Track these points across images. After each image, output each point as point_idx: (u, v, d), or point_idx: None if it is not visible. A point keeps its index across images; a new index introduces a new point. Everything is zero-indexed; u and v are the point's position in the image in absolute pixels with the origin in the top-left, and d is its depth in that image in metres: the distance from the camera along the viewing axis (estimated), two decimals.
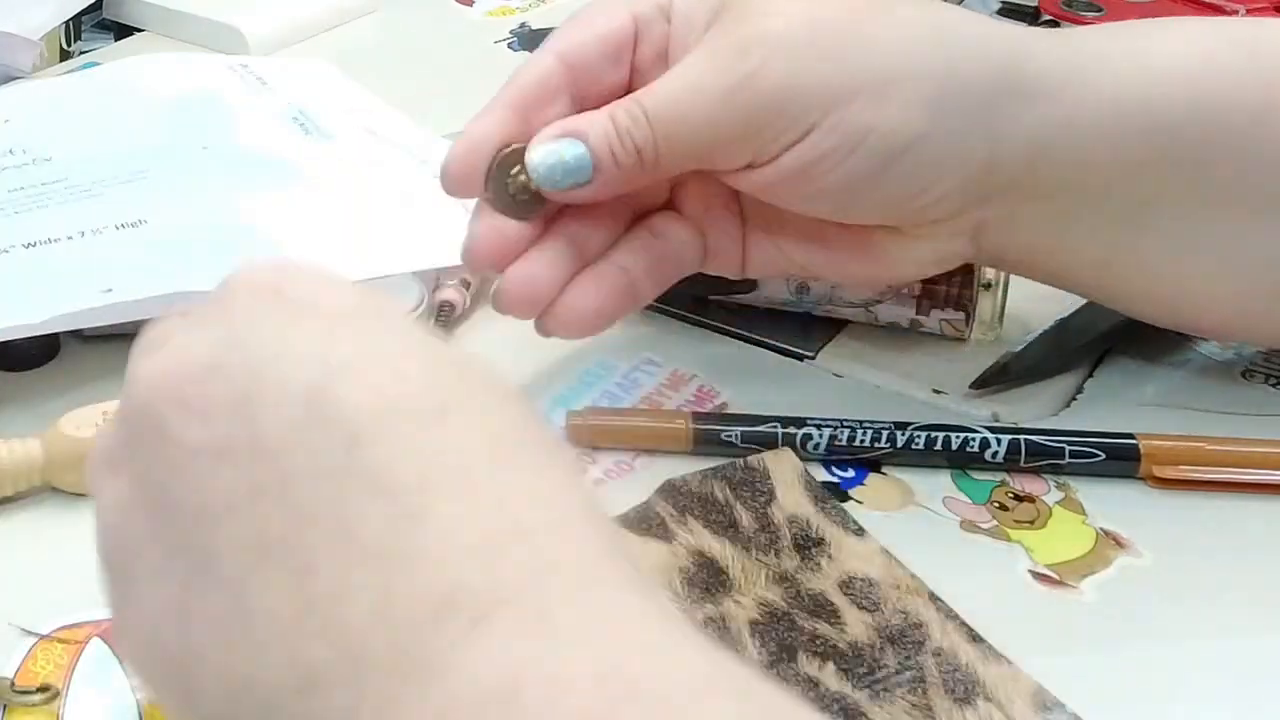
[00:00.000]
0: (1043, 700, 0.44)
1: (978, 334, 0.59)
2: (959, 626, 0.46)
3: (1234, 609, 0.48)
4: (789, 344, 0.60)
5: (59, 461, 0.50)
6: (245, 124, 0.70)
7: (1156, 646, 0.47)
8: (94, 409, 0.51)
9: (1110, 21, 0.82)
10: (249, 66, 0.77)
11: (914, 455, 0.53)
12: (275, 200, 0.63)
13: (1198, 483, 0.52)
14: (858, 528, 0.50)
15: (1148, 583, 0.49)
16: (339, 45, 0.86)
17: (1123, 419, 0.55)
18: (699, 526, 0.50)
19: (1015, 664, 0.45)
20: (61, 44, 0.84)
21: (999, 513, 0.52)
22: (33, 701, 0.43)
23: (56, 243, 0.59)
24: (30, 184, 0.64)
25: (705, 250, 0.53)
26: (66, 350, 0.58)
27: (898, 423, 0.53)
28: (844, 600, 0.47)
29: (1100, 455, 0.53)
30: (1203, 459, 0.53)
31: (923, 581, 0.48)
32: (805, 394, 0.56)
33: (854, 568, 0.49)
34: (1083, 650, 0.46)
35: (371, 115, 0.72)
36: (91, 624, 0.46)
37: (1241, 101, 0.50)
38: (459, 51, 0.87)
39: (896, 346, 0.60)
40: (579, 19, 0.51)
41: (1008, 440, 0.53)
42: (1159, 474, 0.52)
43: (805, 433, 0.53)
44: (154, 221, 0.60)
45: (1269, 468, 0.53)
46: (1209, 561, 0.50)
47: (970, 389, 0.57)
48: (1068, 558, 0.50)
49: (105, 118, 0.70)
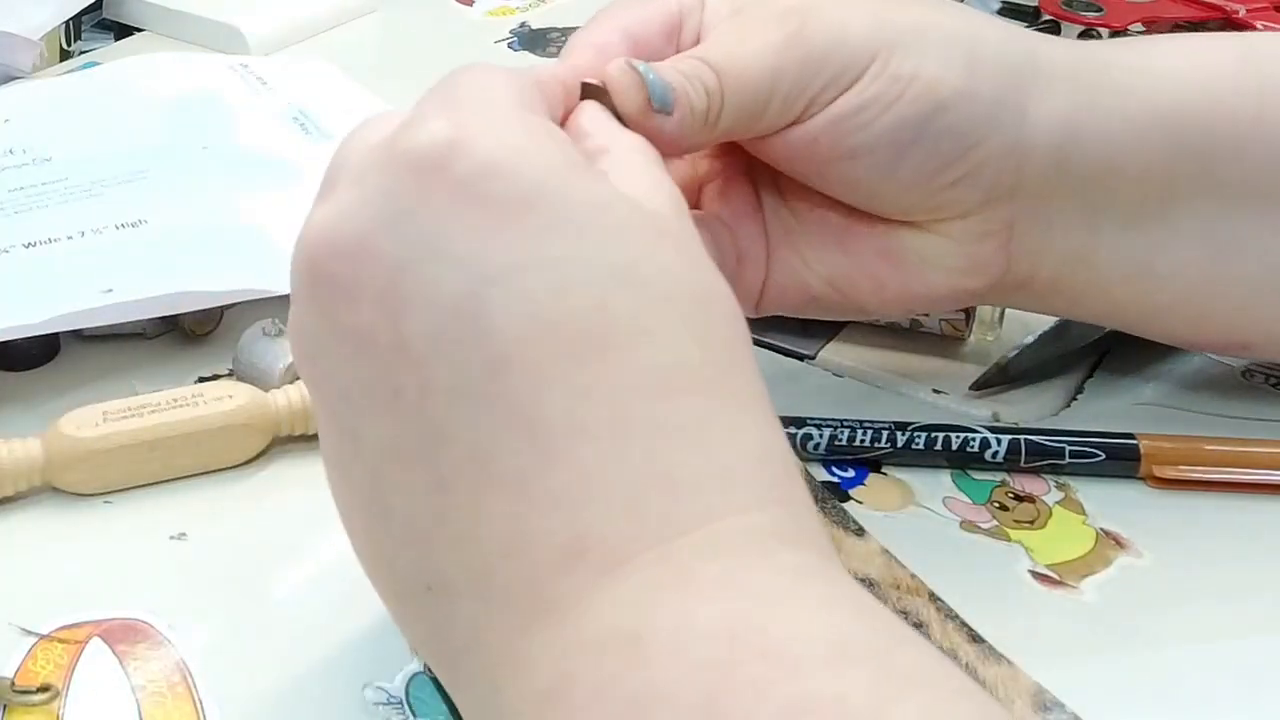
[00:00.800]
0: (1043, 700, 0.44)
1: (978, 334, 0.59)
2: (959, 626, 0.46)
3: (1234, 609, 0.48)
4: (789, 344, 0.60)
5: (59, 461, 0.50)
6: (245, 124, 0.70)
7: (1156, 646, 0.47)
8: (94, 409, 0.51)
9: (1110, 22, 0.83)
10: (249, 66, 0.77)
11: (914, 455, 0.53)
12: (275, 200, 0.62)
13: (1198, 483, 0.52)
14: (858, 528, 0.50)
15: (1148, 583, 0.49)
16: (339, 45, 0.86)
17: (1123, 419, 0.55)
18: None
19: (1015, 664, 0.45)
20: (61, 44, 0.84)
21: (999, 513, 0.52)
22: (33, 701, 0.43)
23: (56, 243, 0.59)
24: (30, 184, 0.64)
25: (738, 255, 0.51)
26: (66, 350, 0.58)
27: (898, 423, 0.53)
28: None
29: (1100, 455, 0.53)
30: (1202, 459, 0.53)
31: (923, 581, 0.48)
32: (805, 394, 0.56)
33: (854, 568, 0.49)
34: (1083, 650, 0.46)
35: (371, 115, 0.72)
36: (91, 624, 0.46)
37: (1237, 105, 0.50)
38: (459, 51, 0.87)
39: (896, 346, 0.60)
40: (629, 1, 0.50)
41: (1008, 440, 0.53)
42: (1159, 474, 0.52)
43: (805, 433, 0.53)
44: (154, 221, 0.60)
45: (1268, 468, 0.53)
46: (1209, 561, 0.50)
47: (970, 390, 0.57)
48: (1068, 558, 0.50)
49: (105, 118, 0.70)
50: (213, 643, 0.45)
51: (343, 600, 0.47)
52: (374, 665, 0.44)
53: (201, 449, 0.51)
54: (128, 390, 0.55)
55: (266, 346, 0.55)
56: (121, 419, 0.51)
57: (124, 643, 0.45)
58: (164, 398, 0.52)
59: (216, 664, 0.45)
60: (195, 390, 0.52)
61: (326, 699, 0.44)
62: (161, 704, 0.43)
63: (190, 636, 0.45)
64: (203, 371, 0.57)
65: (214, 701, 0.43)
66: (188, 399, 0.52)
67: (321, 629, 0.46)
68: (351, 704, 0.43)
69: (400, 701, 0.43)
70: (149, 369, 0.57)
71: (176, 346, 0.59)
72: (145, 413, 0.51)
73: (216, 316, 0.59)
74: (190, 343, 0.59)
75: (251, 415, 0.52)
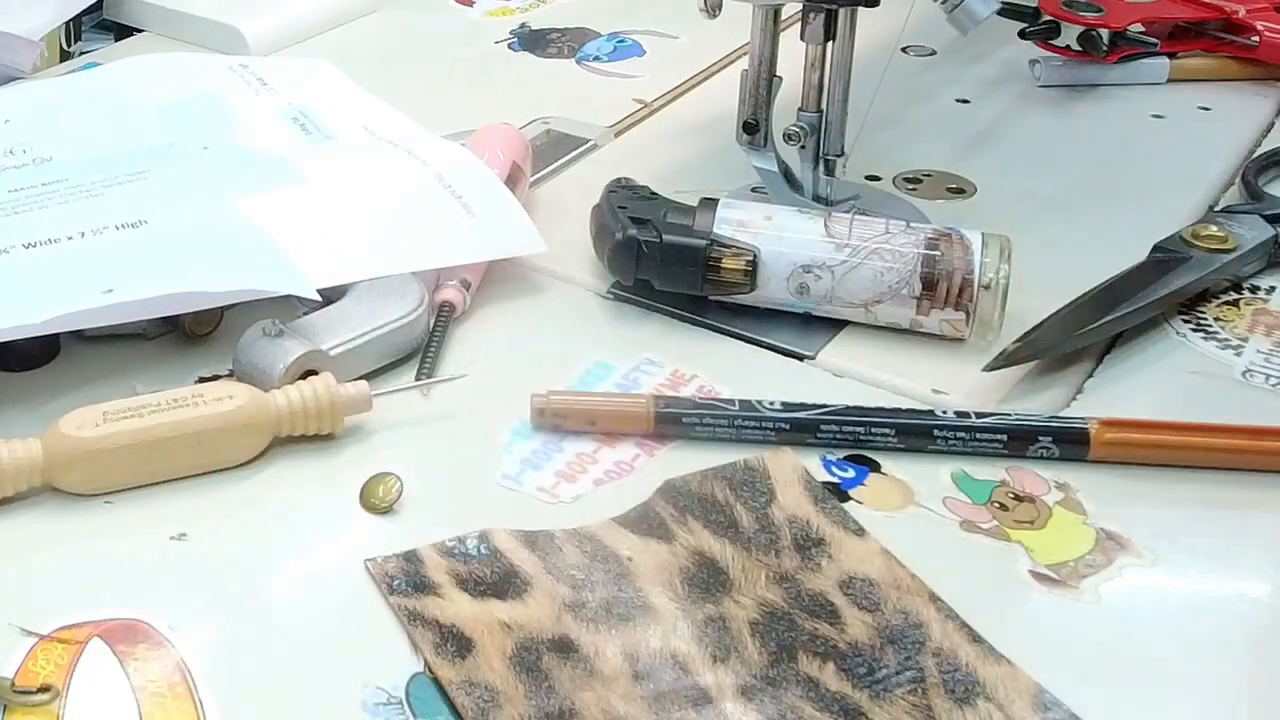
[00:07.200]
0: (1043, 700, 0.44)
1: (978, 334, 0.59)
2: (959, 627, 0.46)
3: (1234, 609, 0.48)
4: (789, 344, 0.60)
5: (59, 461, 0.50)
6: (245, 124, 0.70)
7: (1156, 646, 0.47)
8: (94, 409, 0.51)
9: (1110, 22, 0.82)
10: (249, 66, 0.77)
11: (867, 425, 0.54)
12: (275, 200, 0.63)
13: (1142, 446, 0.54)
14: (858, 528, 0.50)
15: (1148, 583, 0.49)
16: (339, 45, 0.86)
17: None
18: (699, 526, 0.50)
19: (1015, 664, 0.45)
20: (61, 44, 0.84)
21: (999, 513, 0.52)
22: (33, 702, 0.43)
23: (56, 243, 0.59)
24: (30, 184, 0.64)
25: None
26: (66, 350, 0.58)
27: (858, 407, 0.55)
28: (844, 600, 0.47)
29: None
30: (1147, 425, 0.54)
31: (923, 581, 0.48)
32: (805, 394, 0.56)
33: (854, 568, 0.49)
34: (1083, 650, 0.46)
35: (371, 115, 0.72)
36: (91, 624, 0.46)
37: None
38: (459, 51, 0.87)
39: (896, 346, 0.60)
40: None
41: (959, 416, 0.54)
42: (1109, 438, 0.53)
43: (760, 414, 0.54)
44: (154, 221, 0.60)
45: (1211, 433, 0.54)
46: (1209, 562, 0.50)
47: (983, 371, 0.57)
48: (1068, 558, 0.50)
49: (105, 118, 0.70)
50: (213, 643, 0.45)
51: (343, 600, 0.47)
52: (374, 665, 0.45)
53: (201, 449, 0.51)
54: (128, 390, 0.55)
55: (266, 346, 0.55)
56: (121, 419, 0.51)
57: (124, 643, 0.45)
58: (164, 398, 0.52)
59: (216, 664, 0.45)
60: (195, 390, 0.52)
61: (326, 699, 0.44)
62: (161, 704, 0.43)
63: (190, 636, 0.45)
64: (203, 371, 0.57)
65: (214, 701, 0.43)
66: (188, 399, 0.52)
67: (321, 629, 0.46)
68: (351, 704, 0.43)
69: (400, 701, 0.43)
70: (149, 369, 0.58)
71: (176, 346, 0.59)
72: (145, 413, 0.51)
73: (216, 316, 0.59)
74: (190, 343, 0.59)
75: (251, 415, 0.52)
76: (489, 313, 0.62)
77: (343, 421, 0.54)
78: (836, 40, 0.65)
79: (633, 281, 0.62)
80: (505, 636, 0.45)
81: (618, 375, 0.58)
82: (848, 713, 0.43)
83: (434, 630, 0.45)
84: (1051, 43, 0.84)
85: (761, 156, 0.67)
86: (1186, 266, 0.63)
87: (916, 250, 0.59)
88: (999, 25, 0.85)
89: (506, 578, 0.48)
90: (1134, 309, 0.60)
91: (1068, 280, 0.62)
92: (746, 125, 0.67)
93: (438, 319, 0.60)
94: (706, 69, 0.85)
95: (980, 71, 0.86)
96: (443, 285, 0.61)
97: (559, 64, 0.87)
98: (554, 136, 0.77)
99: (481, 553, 0.49)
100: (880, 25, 0.69)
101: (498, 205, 0.64)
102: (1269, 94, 0.84)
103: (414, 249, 0.61)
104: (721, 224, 0.60)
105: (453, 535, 0.49)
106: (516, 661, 0.45)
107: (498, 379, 0.58)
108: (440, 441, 0.55)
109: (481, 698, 0.43)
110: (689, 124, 0.79)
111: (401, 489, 0.51)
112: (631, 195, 0.63)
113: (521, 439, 0.55)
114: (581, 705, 0.43)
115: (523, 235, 0.63)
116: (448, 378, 0.57)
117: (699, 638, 0.46)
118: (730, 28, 0.67)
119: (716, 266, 0.60)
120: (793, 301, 0.60)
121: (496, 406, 0.56)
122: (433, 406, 0.56)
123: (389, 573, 0.48)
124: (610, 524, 0.50)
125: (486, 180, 0.65)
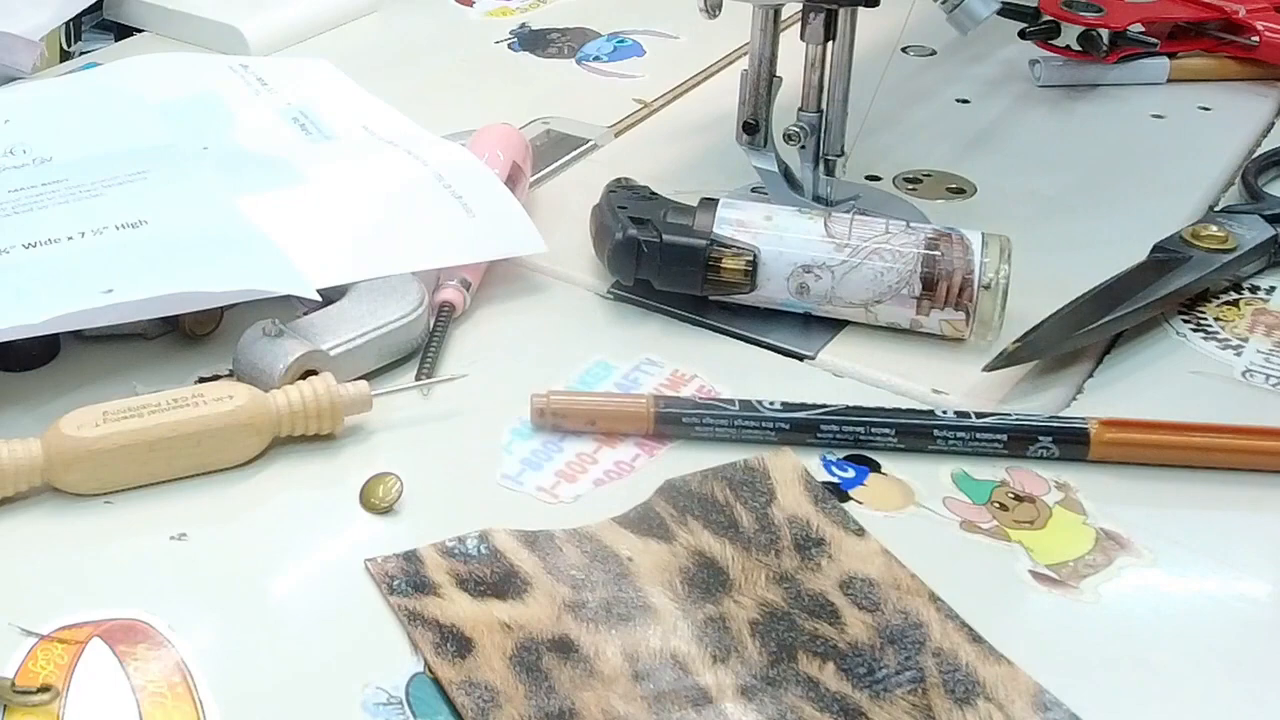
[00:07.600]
0: (1042, 700, 0.44)
1: (978, 334, 0.59)
2: (959, 627, 0.46)
3: (1233, 609, 0.48)
4: (789, 344, 0.60)
5: (59, 461, 0.50)
6: (245, 124, 0.70)
7: (1156, 646, 0.47)
8: (94, 409, 0.51)
9: (1110, 22, 0.82)
10: (249, 66, 0.77)
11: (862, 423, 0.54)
12: (275, 200, 0.63)
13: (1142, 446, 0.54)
14: (858, 528, 0.50)
15: (1148, 583, 0.49)
16: (339, 45, 0.86)
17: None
18: (699, 526, 0.50)
19: (1015, 664, 0.45)
20: (61, 44, 0.84)
21: (999, 513, 0.52)
22: (33, 702, 0.43)
23: (56, 243, 0.59)
24: (30, 184, 0.64)
25: None
26: (66, 350, 0.58)
27: (858, 407, 0.55)
28: (844, 600, 0.47)
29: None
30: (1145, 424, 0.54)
31: (923, 581, 0.48)
32: (805, 394, 0.56)
33: (854, 568, 0.49)
34: (1083, 650, 0.46)
35: (371, 115, 0.72)
36: (91, 624, 0.46)
37: None
38: (459, 51, 0.87)
39: (896, 346, 0.60)
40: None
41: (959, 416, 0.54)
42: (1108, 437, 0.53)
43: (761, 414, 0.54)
44: (154, 221, 0.60)
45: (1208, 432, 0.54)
46: (1208, 562, 0.50)
47: (983, 371, 0.57)
48: (1068, 558, 0.50)
49: (105, 118, 0.70)
50: (213, 643, 0.45)
51: (343, 600, 0.47)
52: (374, 665, 0.45)
53: (201, 449, 0.51)
54: (128, 390, 0.55)
55: (266, 346, 0.55)
56: (121, 419, 0.51)
57: (124, 643, 0.45)
58: (164, 398, 0.52)
59: (216, 664, 0.45)
60: (195, 390, 0.52)
61: (326, 699, 0.44)
62: (161, 704, 0.43)
63: (190, 636, 0.45)
64: (203, 371, 0.57)
65: (214, 701, 0.43)
66: (188, 399, 0.52)
67: (321, 629, 0.46)
68: (351, 704, 0.43)
69: (400, 701, 0.43)
70: (149, 369, 0.58)
71: (176, 346, 0.59)
72: (145, 413, 0.51)
73: (216, 316, 0.59)
74: (190, 343, 0.59)
75: (251, 415, 0.52)
76: (489, 313, 0.62)
77: (343, 421, 0.54)
78: (836, 40, 0.65)
79: (633, 281, 0.62)
80: (505, 636, 0.45)
81: (618, 375, 0.58)
82: (848, 713, 0.43)
83: (434, 630, 0.45)
84: (1051, 43, 0.84)
85: (761, 156, 0.67)
86: (1186, 266, 0.63)
87: (916, 250, 0.59)
88: (999, 25, 0.85)
89: (506, 578, 0.48)
90: (1134, 309, 0.60)
91: (1068, 280, 0.62)
92: (746, 125, 0.67)
93: (438, 319, 0.60)
94: (706, 69, 0.85)
95: (980, 71, 0.86)
96: (443, 285, 0.61)
97: (559, 64, 0.87)
98: (554, 136, 0.77)
99: (481, 553, 0.49)
100: (880, 25, 0.69)
101: (498, 205, 0.64)
102: (1269, 94, 0.84)
103: (414, 249, 0.61)
104: (721, 224, 0.60)
105: (453, 535, 0.49)
106: (516, 661, 0.45)
107: (498, 379, 0.58)
108: (440, 441, 0.55)
109: (481, 698, 0.43)
110: (689, 124, 0.79)
111: (401, 489, 0.51)
112: (631, 195, 0.63)
113: (521, 439, 0.55)
114: (581, 705, 0.43)
115: (523, 235, 0.63)
116: (448, 378, 0.57)
117: (699, 638, 0.46)
118: (730, 28, 0.67)
119: (716, 266, 0.60)
120: (793, 301, 0.60)
121: (496, 406, 0.56)
122: (433, 406, 0.56)
123: (389, 573, 0.48)
124: (610, 524, 0.50)
125: (486, 180, 0.65)
